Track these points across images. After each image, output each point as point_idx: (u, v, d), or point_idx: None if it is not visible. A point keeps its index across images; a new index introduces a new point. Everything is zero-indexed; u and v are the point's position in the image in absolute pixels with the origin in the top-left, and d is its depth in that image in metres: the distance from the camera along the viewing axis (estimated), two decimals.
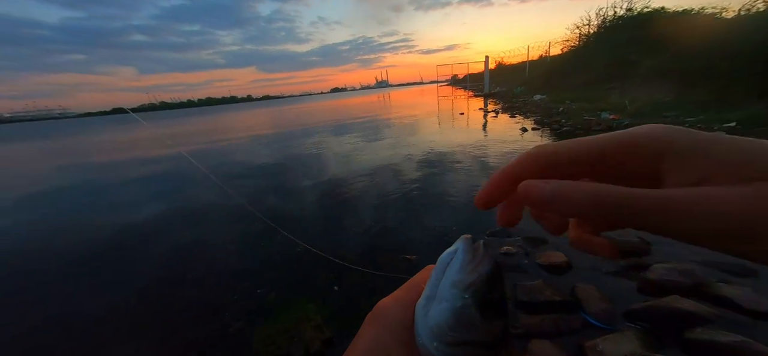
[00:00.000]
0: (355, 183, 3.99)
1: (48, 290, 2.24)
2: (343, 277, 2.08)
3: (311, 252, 2.43)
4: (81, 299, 2.11)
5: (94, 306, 2.01)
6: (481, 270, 0.20)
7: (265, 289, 2.02)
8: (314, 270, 2.18)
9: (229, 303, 1.91)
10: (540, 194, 0.17)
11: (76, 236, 3.14)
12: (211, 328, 1.73)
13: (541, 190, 0.17)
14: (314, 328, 1.66)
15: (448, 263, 0.22)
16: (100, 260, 2.61)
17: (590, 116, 6.94)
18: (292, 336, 1.62)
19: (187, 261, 2.51)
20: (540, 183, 0.18)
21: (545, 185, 0.17)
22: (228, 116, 20.53)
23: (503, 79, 26.24)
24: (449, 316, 0.20)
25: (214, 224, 3.14)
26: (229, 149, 8.18)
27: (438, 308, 0.21)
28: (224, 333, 1.68)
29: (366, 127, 9.66)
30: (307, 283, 2.06)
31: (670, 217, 0.15)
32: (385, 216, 2.99)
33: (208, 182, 4.59)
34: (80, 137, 11.41)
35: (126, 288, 2.17)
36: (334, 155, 5.79)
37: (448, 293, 0.20)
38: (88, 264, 2.56)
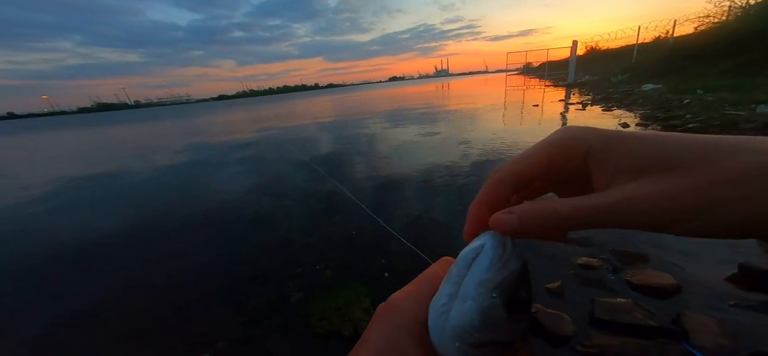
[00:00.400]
0: (405, 176, 3.95)
1: (155, 246, 2.83)
2: (394, 266, 2.08)
3: (365, 237, 2.52)
4: (179, 251, 2.60)
5: (186, 263, 2.45)
6: (511, 267, 0.19)
7: (323, 266, 2.16)
8: (368, 255, 2.24)
9: (294, 275, 2.10)
10: (510, 226, 0.19)
11: (186, 203, 3.88)
12: (278, 295, 1.93)
13: (509, 223, 0.19)
14: (363, 311, 1.70)
15: (473, 259, 0.21)
16: (192, 225, 3.17)
17: (737, 110, 5.28)
18: (343, 314, 1.70)
19: (265, 230, 2.85)
20: (505, 216, 0.19)
21: (511, 216, 0.19)
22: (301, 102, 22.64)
23: (596, 67, 22.43)
24: (476, 316, 0.19)
25: (291, 199, 3.49)
26: (309, 131, 9.01)
27: (462, 307, 0.20)
28: (287, 302, 1.86)
29: (423, 117, 9.43)
30: (360, 266, 2.12)
31: (603, 220, 0.18)
32: (436, 210, 2.89)
33: (293, 162, 5.21)
34: (199, 118, 14.31)
35: (209, 251, 2.59)
36: (389, 147, 5.82)
37: (474, 292, 0.19)
38: (187, 226, 3.13)
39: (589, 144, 0.20)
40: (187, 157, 7.07)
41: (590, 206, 0.18)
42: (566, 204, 0.18)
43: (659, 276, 1.62)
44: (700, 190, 0.16)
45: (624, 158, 0.19)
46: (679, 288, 1.55)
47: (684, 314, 1.30)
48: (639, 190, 0.17)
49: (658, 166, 0.17)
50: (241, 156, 6.47)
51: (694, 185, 0.16)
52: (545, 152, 0.21)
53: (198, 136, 11.14)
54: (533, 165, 0.21)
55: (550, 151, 0.21)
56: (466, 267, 0.21)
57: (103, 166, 6.95)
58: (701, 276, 1.64)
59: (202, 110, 40.53)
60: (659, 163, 0.18)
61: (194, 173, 5.45)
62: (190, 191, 4.41)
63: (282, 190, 3.94)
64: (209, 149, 7.96)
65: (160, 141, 10.94)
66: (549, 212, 0.19)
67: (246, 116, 18.40)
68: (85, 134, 16.65)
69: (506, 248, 0.20)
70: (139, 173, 5.82)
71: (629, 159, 0.19)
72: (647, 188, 0.17)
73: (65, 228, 3.41)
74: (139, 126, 19.62)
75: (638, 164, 0.18)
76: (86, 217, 3.73)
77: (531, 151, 0.22)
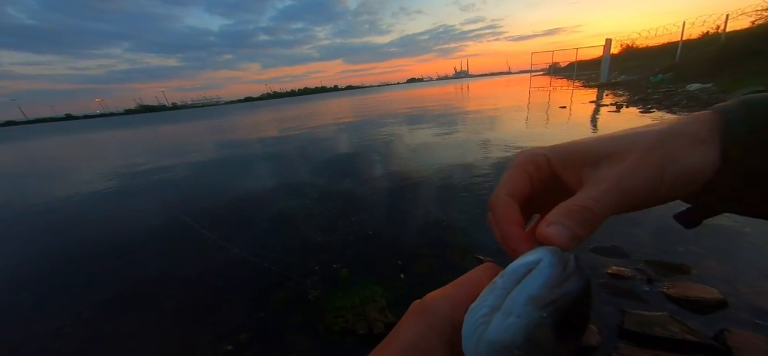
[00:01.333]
0: (423, 178, 3.91)
1: (184, 237, 3.00)
2: (410, 267, 2.07)
3: (382, 237, 2.52)
4: (203, 249, 2.74)
5: (209, 257, 2.57)
6: (569, 287, 0.18)
7: (340, 264, 2.19)
8: (384, 255, 2.24)
9: (312, 272, 2.15)
10: (563, 237, 0.20)
11: (214, 197, 4.09)
12: (295, 292, 1.98)
13: (561, 235, 0.20)
14: (378, 310, 1.70)
15: (524, 274, 0.19)
16: (221, 219, 3.33)
17: None
18: (358, 313, 1.71)
19: (286, 228, 2.94)
20: (553, 230, 0.20)
21: (558, 228, 0.20)
22: (321, 104, 22.99)
23: (633, 66, 21.03)
24: (519, 334, 0.18)
25: (310, 199, 3.58)
26: (329, 131, 9.20)
27: (505, 322, 0.19)
28: (305, 298, 1.91)
29: (442, 120, 9.26)
30: (376, 267, 2.13)
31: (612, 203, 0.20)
32: (453, 213, 2.83)
33: (313, 163, 5.35)
34: (226, 119, 15.08)
35: (236, 245, 2.70)
36: (407, 147, 5.79)
37: (521, 308, 0.18)
38: (214, 220, 3.30)
39: (544, 156, 0.24)
40: (217, 155, 7.47)
41: (601, 194, 0.20)
42: (583, 198, 0.21)
43: (702, 289, 1.48)
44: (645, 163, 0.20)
45: (578, 156, 0.23)
46: (725, 302, 1.41)
47: (728, 330, 1.18)
48: (615, 171, 0.21)
49: (607, 157, 0.21)
50: (268, 153, 6.74)
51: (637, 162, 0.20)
52: (524, 170, 0.24)
53: (229, 134, 11.74)
54: (524, 183, 0.24)
55: (526, 168, 0.24)
56: (514, 281, 0.20)
57: (134, 164, 7.51)
58: (748, 290, 1.48)
59: (231, 111, 42.63)
60: (606, 153, 0.22)
61: (223, 171, 5.74)
62: (220, 187, 4.65)
63: (301, 189, 4.05)
64: (239, 146, 8.36)
65: (193, 139, 11.65)
66: (580, 209, 0.20)
67: (270, 116, 19.16)
68: (129, 133, 18.09)
69: (567, 266, 0.19)
70: (176, 169, 6.21)
71: (581, 157, 0.23)
72: (615, 170, 0.21)
73: (108, 220, 3.71)
74: (170, 126, 21.02)
75: (589, 160, 0.22)
76: (123, 209, 4.05)
77: (511, 174, 0.24)
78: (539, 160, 0.24)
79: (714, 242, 1.90)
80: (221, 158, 7.30)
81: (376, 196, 3.50)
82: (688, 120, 0.22)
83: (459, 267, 2.01)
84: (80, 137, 21.50)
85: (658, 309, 1.40)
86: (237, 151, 8.06)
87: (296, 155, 6.74)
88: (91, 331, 1.86)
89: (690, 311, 1.40)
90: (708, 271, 1.66)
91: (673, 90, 9.77)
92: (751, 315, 1.33)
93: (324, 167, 5.24)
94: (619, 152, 0.21)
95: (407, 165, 4.64)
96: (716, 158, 0.21)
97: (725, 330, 1.19)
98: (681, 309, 1.40)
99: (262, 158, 6.77)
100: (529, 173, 0.24)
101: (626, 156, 0.21)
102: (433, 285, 0.24)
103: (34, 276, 2.57)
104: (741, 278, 1.59)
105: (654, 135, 0.21)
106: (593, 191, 0.21)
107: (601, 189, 0.20)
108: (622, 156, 0.21)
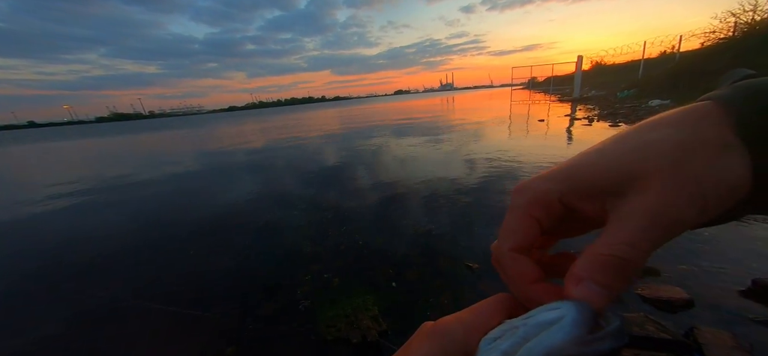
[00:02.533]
0: (412, 187, 3.98)
1: (165, 248, 2.88)
2: (402, 274, 2.09)
3: (373, 246, 2.53)
4: (187, 259, 2.65)
5: (195, 268, 2.49)
6: (600, 347, 0.16)
7: (331, 274, 2.18)
8: (376, 264, 2.25)
9: (302, 282, 2.12)
10: (595, 301, 0.17)
11: (192, 210, 3.95)
12: (286, 302, 1.95)
13: (594, 297, 0.17)
14: (371, 319, 1.71)
15: (548, 325, 0.18)
16: (208, 229, 3.22)
17: None
18: (351, 322, 1.71)
19: (274, 239, 2.88)
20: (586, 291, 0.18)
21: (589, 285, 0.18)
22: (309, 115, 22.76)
23: (602, 82, 22.46)
24: None
25: (297, 209, 3.54)
26: (311, 143, 9.14)
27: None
28: (295, 309, 1.88)
29: (427, 131, 9.48)
30: (368, 275, 2.13)
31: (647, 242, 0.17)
32: (443, 221, 2.89)
33: (295, 171, 5.28)
34: (203, 129, 14.54)
35: (222, 257, 2.63)
36: (395, 158, 5.87)
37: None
38: (198, 230, 3.19)
39: (557, 191, 0.21)
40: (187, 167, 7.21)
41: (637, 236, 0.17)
42: (616, 245, 0.18)
43: (671, 290, 1.60)
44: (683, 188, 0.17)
45: (596, 185, 0.20)
46: (692, 302, 1.53)
47: (697, 328, 1.29)
48: (650, 202, 0.17)
49: (631, 181, 0.18)
50: (253, 162, 6.59)
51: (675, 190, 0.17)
52: (527, 216, 0.22)
53: (209, 144, 11.37)
54: (532, 231, 0.22)
55: (530, 213, 0.22)
56: (536, 328, 0.19)
57: (109, 173, 7.12)
58: (714, 290, 1.62)
59: (211, 121, 41.39)
60: (628, 178, 0.18)
61: (201, 181, 5.56)
62: (201, 198, 4.50)
63: (289, 200, 3.99)
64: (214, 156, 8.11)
65: (162, 149, 11.18)
66: (617, 260, 0.17)
67: (255, 126, 18.77)
68: (99, 142, 17.14)
69: (602, 322, 0.17)
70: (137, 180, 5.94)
71: (602, 186, 0.19)
72: (653, 199, 0.17)
73: (84, 233, 3.49)
74: (146, 134, 20.12)
75: (611, 187, 0.19)
76: (105, 222, 3.82)
77: (515, 221, 0.22)
78: (549, 200, 0.21)
79: (678, 245, 2.05)
80: (198, 169, 7.06)
81: (366, 206, 3.51)
82: (696, 118, 0.19)
83: (449, 274, 2.05)
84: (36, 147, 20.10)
85: (635, 309, 1.50)
86: (218, 160, 7.83)
87: (283, 165, 6.64)
88: (69, 342, 1.74)
89: (662, 310, 1.51)
90: (675, 273, 1.80)
91: (637, 105, 10.52)
92: (714, 313, 1.46)
93: (312, 177, 5.20)
94: (642, 173, 0.18)
95: (396, 175, 4.69)
96: (748, 163, 0.18)
97: (694, 327, 1.29)
98: (655, 309, 1.51)
99: (246, 170, 6.62)
100: (536, 219, 0.22)
101: (651, 178, 0.18)
102: (425, 292, 0.25)
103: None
104: (703, 278, 1.73)
105: (672, 146, 0.18)
106: (626, 232, 0.18)
107: (636, 227, 0.17)
108: (646, 178, 0.18)
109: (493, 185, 3.77)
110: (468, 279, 1.98)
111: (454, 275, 2.04)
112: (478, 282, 1.94)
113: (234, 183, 5.19)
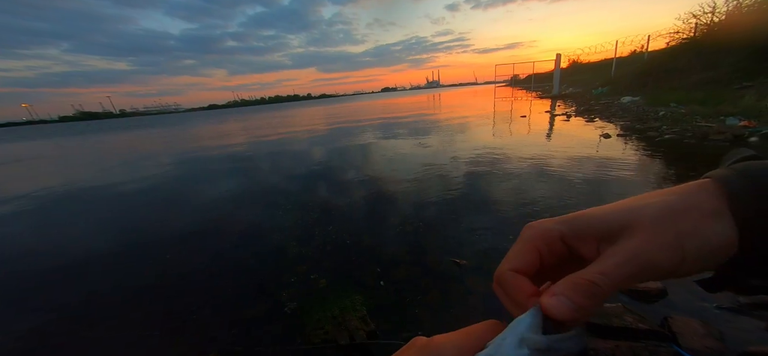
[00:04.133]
0: (399, 184, 3.99)
1: (146, 252, 2.75)
2: (390, 274, 2.08)
3: (360, 246, 2.51)
4: (167, 263, 2.53)
5: (175, 271, 2.38)
6: (566, 345, 0.19)
7: (317, 275, 2.14)
8: (363, 264, 2.23)
9: (288, 284, 2.07)
10: (565, 309, 0.20)
11: (172, 211, 3.78)
12: (271, 305, 1.89)
13: (562, 309, 0.20)
14: (359, 319, 1.69)
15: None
16: (187, 231, 3.09)
17: (709, 123, 5.59)
18: (339, 323, 1.68)
19: (258, 240, 2.81)
20: (556, 303, 0.20)
21: (560, 299, 0.20)
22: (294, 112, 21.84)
23: (578, 80, 23.30)
24: None
25: (282, 210, 3.45)
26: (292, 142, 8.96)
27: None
28: (281, 311, 1.83)
29: (414, 128, 9.54)
30: (355, 275, 2.11)
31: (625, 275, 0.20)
32: (430, 218, 2.91)
33: (280, 171, 5.15)
34: (187, 128, 13.86)
35: (203, 258, 2.53)
36: (382, 156, 5.86)
37: (514, 354, 0.19)
38: (177, 235, 3.05)
39: (559, 231, 0.24)
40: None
41: (610, 268, 0.20)
42: (591, 273, 0.20)
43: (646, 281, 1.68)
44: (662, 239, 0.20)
45: (594, 230, 0.23)
46: (665, 291, 1.61)
47: (671, 317, 1.36)
48: (631, 245, 0.21)
49: (621, 230, 0.22)
50: (237, 162, 6.37)
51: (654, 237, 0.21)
52: (532, 246, 0.24)
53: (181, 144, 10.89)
54: (533, 258, 0.24)
55: (535, 245, 0.24)
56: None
57: (91, 176, 6.70)
58: (684, 280, 1.71)
59: (190, 120, 39.75)
60: (619, 226, 0.22)
61: (181, 183, 5.32)
62: (178, 201, 4.30)
63: (274, 200, 3.89)
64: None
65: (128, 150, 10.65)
66: (588, 284, 0.20)
67: (237, 125, 18.19)
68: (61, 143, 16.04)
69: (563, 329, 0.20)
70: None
71: (597, 231, 0.23)
72: (634, 244, 0.21)
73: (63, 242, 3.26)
74: (114, 135, 19.06)
75: (604, 233, 0.22)
76: (83, 227, 3.58)
77: (519, 249, 0.25)
78: (552, 236, 0.24)
79: None
80: (176, 171, 6.77)
81: (352, 205, 3.48)
82: (692, 190, 0.22)
83: (437, 271, 2.06)
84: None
85: (614, 300, 1.56)
86: (196, 160, 7.53)
87: (267, 165, 6.48)
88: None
89: (638, 301, 1.58)
90: None
91: (610, 102, 11.01)
92: (685, 302, 1.54)
93: (297, 177, 5.11)
94: (633, 225, 0.21)
95: (383, 173, 4.67)
96: (734, 232, 0.21)
97: (668, 317, 1.36)
98: (632, 300, 1.58)
99: (229, 171, 6.41)
100: (538, 250, 0.24)
101: (637, 228, 0.21)
102: (414, 290, 0.25)
103: None
104: None
105: (661, 206, 0.21)
106: (603, 265, 0.21)
107: (612, 263, 0.20)
108: (634, 229, 0.21)
109: (479, 181, 3.83)
110: (455, 275, 2.00)
111: (441, 272, 2.05)
112: (465, 277, 1.96)
113: (214, 185, 5.01)
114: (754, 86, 6.98)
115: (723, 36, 9.61)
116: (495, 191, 3.42)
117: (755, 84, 7.02)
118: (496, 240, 2.39)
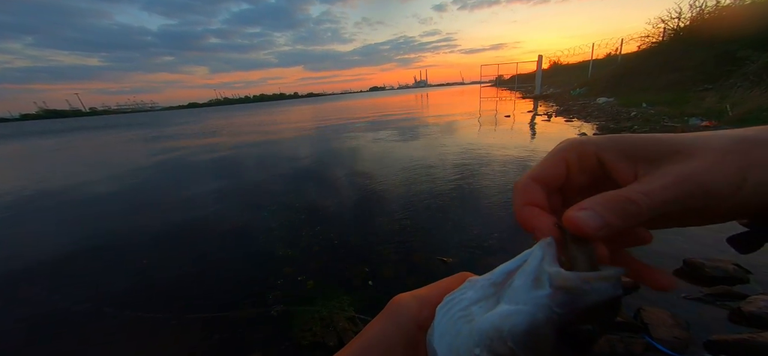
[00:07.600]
0: (387, 183, 4.00)
1: (127, 252, 2.63)
2: (378, 273, 2.09)
3: (348, 246, 2.50)
4: (152, 264, 2.43)
5: (159, 275, 2.30)
6: (601, 288, 0.15)
7: (305, 276, 2.12)
8: (351, 264, 2.23)
9: (274, 286, 2.04)
10: (593, 224, 0.17)
11: (154, 214, 3.63)
12: (257, 309, 1.86)
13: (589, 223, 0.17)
14: (347, 320, 1.69)
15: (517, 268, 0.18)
16: (169, 233, 2.98)
17: (674, 122, 5.94)
18: (327, 324, 1.67)
19: (242, 242, 2.74)
20: (582, 214, 0.17)
21: (589, 213, 0.17)
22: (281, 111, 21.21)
23: (559, 81, 24.13)
24: (523, 325, 0.16)
25: (267, 211, 3.39)
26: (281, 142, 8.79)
27: (503, 310, 0.17)
28: (267, 314, 1.80)
29: (402, 127, 9.60)
30: (343, 275, 2.11)
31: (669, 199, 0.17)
32: (417, 217, 2.94)
33: (264, 172, 5.04)
34: (164, 127, 13.30)
35: (187, 262, 2.45)
36: (370, 155, 5.86)
37: (530, 296, 0.16)
38: (158, 236, 2.94)
39: (595, 144, 0.21)
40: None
41: (654, 189, 0.17)
42: (631, 190, 0.18)
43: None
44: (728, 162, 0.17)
45: (636, 149, 0.20)
46: (637, 284, 1.70)
47: (643, 308, 1.44)
48: (684, 168, 0.18)
49: (673, 154, 0.18)
50: (220, 161, 6.17)
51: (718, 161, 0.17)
52: (561, 157, 0.21)
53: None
54: (557, 169, 0.21)
55: (564, 156, 0.21)
56: (503, 275, 0.19)
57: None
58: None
59: (166, 119, 38.11)
60: (669, 150, 0.19)
61: (158, 183, 5.11)
62: (156, 203, 4.13)
63: (259, 201, 3.81)
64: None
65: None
66: (625, 200, 0.17)
67: (218, 122, 17.55)
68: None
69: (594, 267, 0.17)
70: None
71: (641, 150, 0.19)
72: (684, 167, 0.18)
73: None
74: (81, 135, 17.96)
75: (651, 154, 0.19)
76: (63, 225, 3.36)
77: (548, 159, 0.22)
78: (586, 149, 0.21)
79: None
80: (155, 172, 6.50)
81: (340, 205, 3.46)
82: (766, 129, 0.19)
83: (424, 270, 2.09)
84: None
85: None
86: (175, 160, 7.25)
87: (253, 165, 6.32)
88: None
89: None
90: None
91: (587, 102, 11.46)
92: (655, 294, 1.64)
93: (283, 177, 5.02)
94: (689, 150, 0.18)
95: (370, 173, 4.67)
96: None
97: (641, 308, 1.44)
98: None
99: (211, 170, 6.21)
100: (566, 161, 0.21)
101: (698, 154, 0.18)
102: (402, 289, 0.25)
103: None
104: (643, 259, 1.93)
105: (731, 137, 0.18)
106: (646, 186, 0.18)
107: (659, 184, 0.18)
108: (692, 154, 0.18)
109: (465, 179, 3.90)
110: (442, 273, 2.02)
111: (428, 270, 2.08)
112: (451, 274, 1.99)
113: (197, 186, 4.84)
114: (712, 89, 7.49)
115: (688, 40, 10.24)
116: (481, 190, 3.49)
117: (715, 86, 7.52)
118: (481, 238, 2.44)
